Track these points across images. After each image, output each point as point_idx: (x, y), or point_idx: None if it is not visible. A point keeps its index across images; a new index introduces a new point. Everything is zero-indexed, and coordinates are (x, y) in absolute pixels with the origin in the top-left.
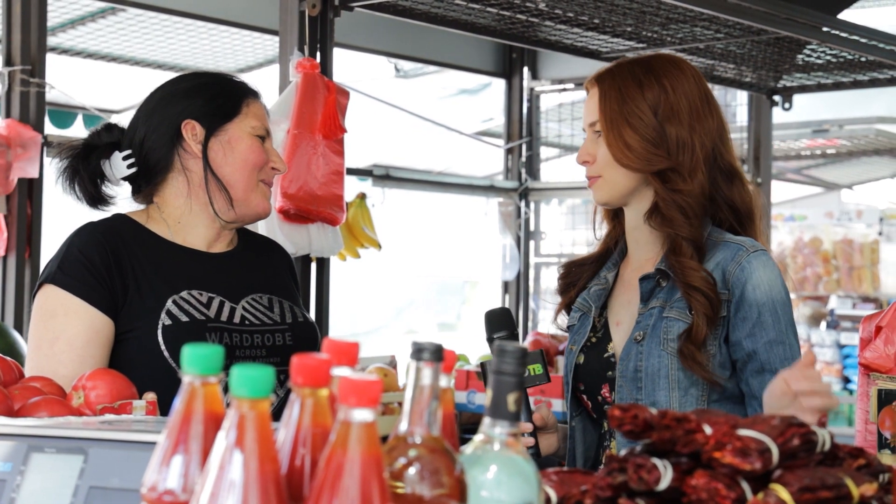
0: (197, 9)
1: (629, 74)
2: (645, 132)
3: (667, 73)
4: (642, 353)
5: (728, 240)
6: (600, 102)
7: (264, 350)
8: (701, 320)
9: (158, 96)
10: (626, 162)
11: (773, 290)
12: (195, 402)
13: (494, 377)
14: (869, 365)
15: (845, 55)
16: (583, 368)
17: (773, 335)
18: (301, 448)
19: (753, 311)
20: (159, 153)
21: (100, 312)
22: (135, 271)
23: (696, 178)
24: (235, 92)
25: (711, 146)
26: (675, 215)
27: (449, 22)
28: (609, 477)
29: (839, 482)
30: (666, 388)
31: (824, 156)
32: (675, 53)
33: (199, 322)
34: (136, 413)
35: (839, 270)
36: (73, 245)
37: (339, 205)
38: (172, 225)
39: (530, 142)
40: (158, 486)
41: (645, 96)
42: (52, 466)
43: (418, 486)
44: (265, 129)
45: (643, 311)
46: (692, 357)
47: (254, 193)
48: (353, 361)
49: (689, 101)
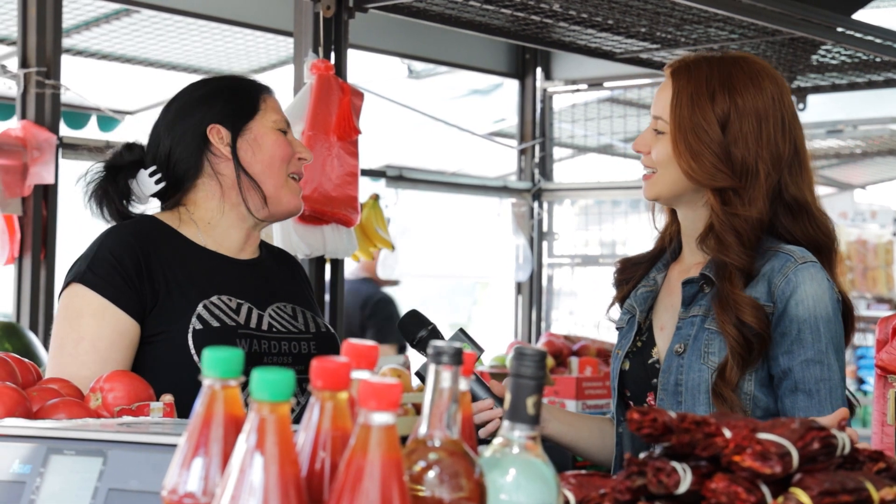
0: (211, 10)
1: (705, 81)
2: (710, 146)
3: (744, 90)
4: (683, 367)
5: (780, 249)
6: (672, 100)
7: (290, 357)
8: (735, 361)
9: (175, 107)
10: (689, 171)
11: (818, 306)
12: (215, 406)
13: (513, 380)
14: (886, 367)
15: (860, 56)
16: (628, 375)
17: (810, 354)
18: (321, 451)
19: (794, 326)
20: (188, 162)
21: (127, 315)
22: (165, 275)
23: (757, 204)
24: (251, 90)
25: (778, 177)
26: (731, 240)
27: (463, 23)
28: (628, 480)
29: (859, 486)
30: (706, 403)
31: (838, 156)
32: (763, 61)
33: (230, 328)
34: (153, 415)
35: (853, 271)
36: (104, 246)
37: (354, 206)
38: (203, 227)
39: (543, 142)
40: (179, 488)
41: (714, 110)
42: (72, 468)
43: (438, 489)
44: (285, 121)
45: (684, 317)
46: (721, 396)
47: (284, 189)
48: (372, 365)
49: (759, 125)
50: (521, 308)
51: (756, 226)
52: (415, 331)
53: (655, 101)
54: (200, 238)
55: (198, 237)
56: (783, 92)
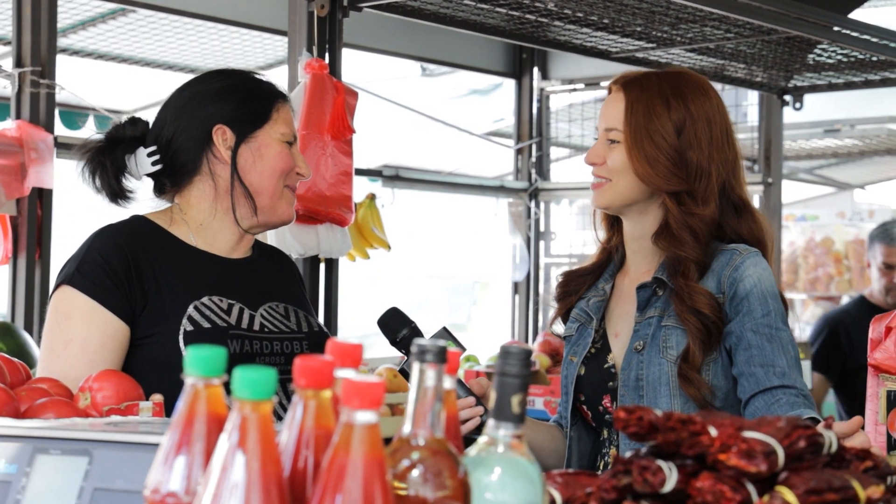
0: (207, 10)
1: (658, 91)
2: (667, 151)
3: (695, 98)
4: (643, 363)
5: (723, 247)
6: (626, 112)
7: (283, 357)
8: (696, 346)
9: (188, 95)
10: (646, 176)
11: (764, 283)
12: (198, 404)
13: (498, 379)
14: (879, 366)
15: (856, 55)
16: (584, 379)
17: (760, 319)
18: (304, 450)
19: (744, 303)
20: (188, 155)
21: (116, 317)
22: (156, 276)
23: (710, 205)
24: (266, 96)
25: (725, 177)
26: (686, 237)
27: (458, 22)
28: (614, 479)
29: (846, 484)
30: (668, 396)
31: (836, 155)
32: (701, 76)
33: (222, 329)
34: (142, 414)
35: (851, 271)
36: (93, 247)
37: (348, 205)
38: (194, 228)
39: (540, 142)
40: (161, 487)
41: (671, 117)
42: (57, 468)
43: (421, 488)
44: (293, 134)
45: (640, 320)
46: (687, 378)
47: (280, 201)
48: (356, 363)
49: (710, 131)
50: (518, 308)
51: (709, 223)
52: (396, 329)
53: (606, 114)
54: (191, 238)
55: (189, 237)
56: (721, 101)
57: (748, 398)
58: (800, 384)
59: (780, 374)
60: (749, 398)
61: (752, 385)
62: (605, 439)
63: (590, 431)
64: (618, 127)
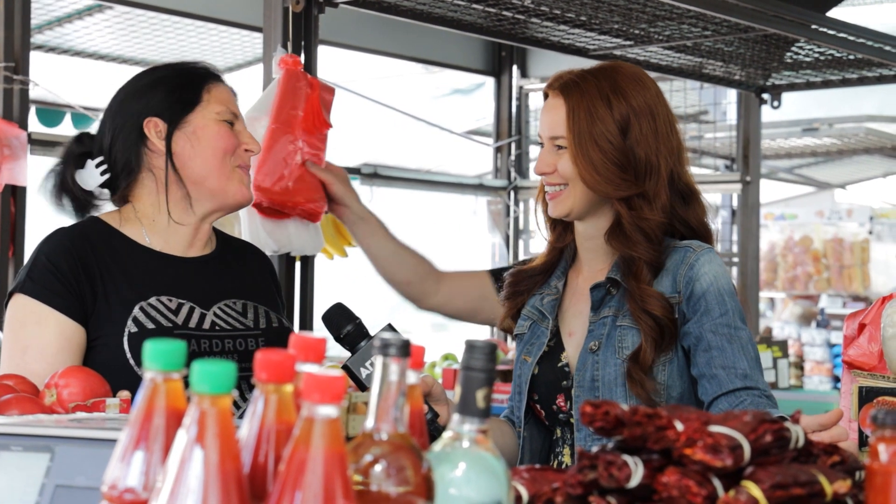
0: (184, 6)
1: (597, 91)
2: (613, 155)
3: (634, 92)
4: (598, 363)
5: (676, 245)
6: (568, 119)
7: (236, 355)
8: (648, 345)
9: (119, 97)
10: (594, 185)
11: (720, 281)
12: (157, 399)
13: (463, 373)
14: (852, 362)
15: (833, 53)
16: (538, 378)
17: (718, 319)
18: (264, 445)
19: (701, 302)
20: (126, 155)
21: (70, 320)
22: (103, 277)
23: (660, 201)
24: (194, 80)
25: (672, 166)
26: (638, 238)
27: (434, 19)
28: (580, 474)
29: (812, 479)
30: (623, 396)
31: (815, 154)
32: (635, 66)
33: (166, 329)
34: (109, 411)
35: (829, 269)
36: (41, 253)
37: (319, 193)
38: (147, 225)
39: (519, 140)
40: (119, 483)
41: (614, 117)
42: (19, 465)
43: (384, 483)
44: (231, 112)
45: (595, 320)
46: (639, 381)
47: (230, 182)
48: (319, 358)
49: (655, 123)
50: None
51: (661, 221)
52: (341, 324)
53: (547, 121)
54: (144, 237)
55: (141, 236)
56: (658, 88)
57: (711, 400)
58: (762, 384)
59: (743, 376)
60: (712, 400)
61: (715, 387)
62: (559, 438)
63: (542, 430)
64: (562, 134)
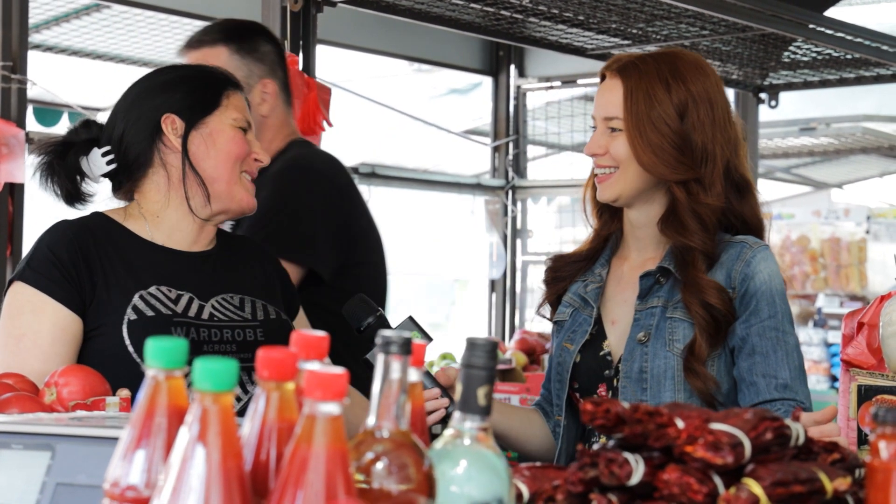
0: (182, 5)
1: (656, 74)
2: (671, 138)
3: (694, 78)
4: (647, 354)
5: (730, 239)
6: (626, 100)
7: (234, 345)
8: (703, 339)
9: (137, 90)
10: (651, 167)
11: (773, 281)
12: (159, 396)
13: (464, 371)
14: (850, 361)
15: (831, 52)
16: (580, 367)
17: (767, 322)
18: (266, 442)
19: (752, 301)
20: (139, 148)
21: (67, 310)
22: (104, 268)
23: (716, 189)
24: (216, 83)
25: (729, 157)
26: (694, 226)
27: (432, 18)
28: (581, 472)
29: (812, 476)
30: (672, 390)
31: (812, 154)
32: (696, 54)
33: (165, 316)
34: (109, 409)
35: (827, 269)
36: (42, 242)
37: None
38: (151, 221)
39: (517, 140)
40: (121, 481)
41: (672, 101)
42: (19, 463)
43: (385, 480)
44: (247, 120)
45: (641, 309)
46: (700, 375)
47: (237, 187)
48: (321, 355)
49: (713, 111)
50: (495, 305)
51: (717, 210)
52: (362, 317)
53: (603, 102)
54: (148, 232)
55: (145, 231)
56: (719, 79)
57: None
58: (801, 395)
59: (782, 387)
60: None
61: (753, 395)
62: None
63: (578, 420)
64: (618, 115)
